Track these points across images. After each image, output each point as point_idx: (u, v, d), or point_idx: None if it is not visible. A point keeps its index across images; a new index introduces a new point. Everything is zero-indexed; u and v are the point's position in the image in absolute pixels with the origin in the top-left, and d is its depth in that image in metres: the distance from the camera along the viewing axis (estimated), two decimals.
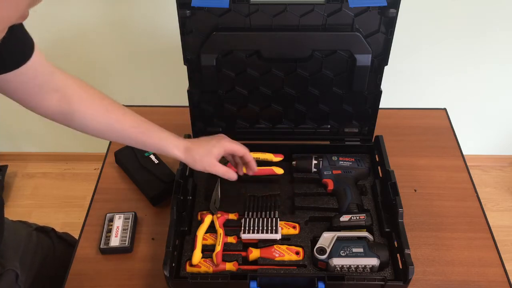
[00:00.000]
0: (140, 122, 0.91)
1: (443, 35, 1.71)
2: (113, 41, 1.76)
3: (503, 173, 2.26)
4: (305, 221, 1.00)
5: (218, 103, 1.08)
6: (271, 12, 0.92)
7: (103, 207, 1.09)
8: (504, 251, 1.03)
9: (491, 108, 1.99)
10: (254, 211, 1.00)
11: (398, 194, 0.95)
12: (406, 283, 0.85)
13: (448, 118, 1.32)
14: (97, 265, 0.99)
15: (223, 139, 0.94)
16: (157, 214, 1.08)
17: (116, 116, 0.88)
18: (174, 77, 1.53)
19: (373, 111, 1.08)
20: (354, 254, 0.89)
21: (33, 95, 0.81)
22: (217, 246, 0.92)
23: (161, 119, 1.31)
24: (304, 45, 0.96)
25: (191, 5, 0.87)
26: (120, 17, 1.68)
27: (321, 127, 1.13)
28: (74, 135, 1.21)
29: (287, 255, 0.92)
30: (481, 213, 1.09)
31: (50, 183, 2.18)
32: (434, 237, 1.03)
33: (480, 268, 0.98)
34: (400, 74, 1.80)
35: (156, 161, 1.15)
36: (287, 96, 1.06)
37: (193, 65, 1.00)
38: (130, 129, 0.89)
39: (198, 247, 0.93)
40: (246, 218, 0.98)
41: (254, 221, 0.97)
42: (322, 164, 1.06)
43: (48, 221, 2.02)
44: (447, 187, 1.14)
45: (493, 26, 1.68)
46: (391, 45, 0.95)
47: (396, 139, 1.22)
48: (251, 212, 1.00)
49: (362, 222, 0.97)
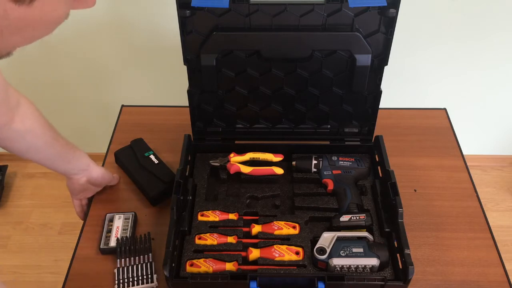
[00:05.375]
0: (68, 142, 1.01)
1: (443, 35, 1.71)
2: (113, 41, 1.76)
3: (503, 173, 2.26)
4: (305, 221, 0.99)
5: (218, 103, 1.08)
6: (271, 12, 0.92)
7: (103, 207, 1.09)
8: (504, 251, 1.03)
9: (491, 108, 1.99)
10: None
11: (398, 194, 0.95)
12: (406, 283, 0.85)
13: (448, 118, 1.32)
14: (97, 265, 0.99)
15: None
16: (157, 214, 1.08)
17: (53, 134, 0.96)
18: (174, 77, 1.53)
19: (373, 111, 1.08)
20: (354, 254, 0.89)
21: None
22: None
23: (161, 119, 1.33)
24: (304, 45, 0.96)
25: (191, 5, 0.87)
26: (120, 17, 1.67)
27: (321, 127, 1.13)
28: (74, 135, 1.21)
29: (287, 255, 0.92)
30: (481, 213, 1.09)
31: (50, 183, 2.18)
32: (434, 237, 1.03)
33: (480, 268, 0.98)
34: (400, 74, 1.80)
35: (156, 161, 1.15)
36: (287, 96, 1.06)
37: (193, 65, 1.00)
38: (64, 147, 0.99)
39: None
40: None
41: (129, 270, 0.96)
42: (322, 164, 1.06)
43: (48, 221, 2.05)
44: (447, 187, 1.14)
45: (493, 26, 1.68)
46: (391, 45, 0.95)
47: (396, 139, 1.22)
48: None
49: (362, 222, 0.97)
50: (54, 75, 1.89)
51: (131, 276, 0.94)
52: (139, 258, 0.97)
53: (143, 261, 0.97)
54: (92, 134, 2.05)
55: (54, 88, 1.94)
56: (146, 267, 0.96)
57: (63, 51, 1.79)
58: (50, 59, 1.83)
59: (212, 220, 0.99)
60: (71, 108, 2.03)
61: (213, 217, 1.00)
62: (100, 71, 1.88)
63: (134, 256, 0.97)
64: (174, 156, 1.11)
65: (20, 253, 1.93)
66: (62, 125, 1.07)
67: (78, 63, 1.84)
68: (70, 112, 2.04)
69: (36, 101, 0.93)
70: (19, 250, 1.95)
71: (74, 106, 2.03)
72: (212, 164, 1.10)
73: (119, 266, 0.96)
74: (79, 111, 2.04)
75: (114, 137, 1.27)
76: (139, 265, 0.96)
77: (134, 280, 0.94)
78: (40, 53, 1.79)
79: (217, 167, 1.10)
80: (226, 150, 1.12)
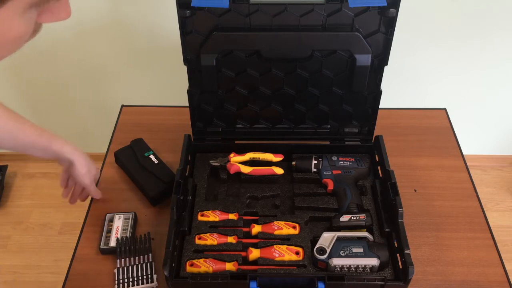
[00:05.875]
0: (37, 126, 0.95)
1: (443, 35, 1.71)
2: (113, 41, 1.76)
3: (503, 173, 2.26)
4: (305, 221, 0.99)
5: (218, 103, 1.08)
6: (271, 12, 0.92)
7: (103, 207, 1.09)
8: (504, 251, 1.03)
9: (491, 108, 1.99)
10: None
11: (398, 194, 0.95)
12: (406, 283, 0.85)
13: (448, 118, 1.32)
14: (97, 265, 0.99)
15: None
16: (157, 214, 1.08)
17: (19, 123, 0.92)
18: (174, 77, 1.53)
19: (373, 111, 1.08)
20: (354, 254, 0.89)
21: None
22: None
23: (161, 119, 1.33)
24: (304, 45, 0.96)
25: (191, 5, 0.87)
26: (120, 17, 1.67)
27: (321, 127, 1.13)
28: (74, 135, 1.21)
29: (287, 255, 0.92)
30: (481, 213, 1.09)
31: (50, 183, 2.18)
32: (434, 237, 1.03)
33: (480, 268, 0.98)
34: (400, 74, 1.80)
35: (156, 161, 1.15)
36: (287, 96, 1.06)
37: (193, 65, 1.00)
38: (30, 129, 0.94)
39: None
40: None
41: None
42: (322, 164, 1.06)
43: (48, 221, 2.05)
44: (447, 187, 1.14)
45: (493, 26, 1.68)
46: (391, 45, 0.95)
47: (396, 139, 1.22)
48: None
49: (362, 222, 0.97)
50: (54, 75, 1.89)
51: (131, 276, 0.94)
52: (139, 258, 0.97)
53: (143, 261, 0.97)
54: (92, 134, 2.05)
55: (54, 88, 1.94)
56: (146, 267, 0.96)
57: (63, 51, 1.79)
58: (50, 59, 1.83)
59: (212, 220, 0.99)
60: (71, 108, 2.03)
61: (213, 217, 1.00)
62: (100, 71, 1.88)
63: (134, 256, 0.97)
64: (174, 156, 1.11)
65: (20, 253, 1.93)
66: (62, 125, 1.08)
67: (78, 63, 1.84)
68: (70, 112, 2.04)
69: (36, 101, 0.93)
70: (19, 250, 1.95)
71: (74, 106, 2.03)
72: (212, 164, 1.10)
73: (119, 266, 0.96)
74: (79, 111, 2.04)
75: (114, 137, 1.27)
76: (139, 265, 0.96)
77: (134, 280, 0.94)
78: (40, 53, 1.79)
79: (217, 167, 1.10)
80: (226, 150, 1.12)
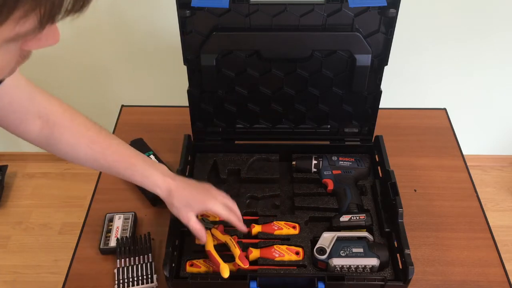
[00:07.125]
0: (125, 156, 0.88)
1: (443, 35, 1.71)
2: (113, 41, 1.76)
3: (503, 173, 2.26)
4: (305, 221, 0.99)
5: (218, 103, 1.08)
6: (271, 12, 0.92)
7: (103, 207, 1.09)
8: (504, 251, 1.03)
9: (491, 108, 1.99)
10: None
11: (398, 194, 0.95)
12: (406, 283, 0.85)
13: (448, 118, 1.32)
14: (97, 265, 0.99)
15: (208, 196, 0.89)
16: (157, 214, 1.08)
17: (100, 149, 0.86)
18: (174, 77, 1.53)
19: (373, 111, 1.08)
20: (354, 254, 0.89)
21: (11, 121, 0.78)
22: (235, 250, 0.89)
23: (161, 119, 1.33)
24: (304, 45, 0.96)
25: (191, 5, 0.87)
26: (120, 17, 1.67)
27: (321, 127, 1.13)
28: None
29: (287, 255, 0.92)
30: (481, 213, 1.09)
31: (50, 183, 2.18)
32: (434, 237, 1.03)
33: (480, 268, 0.98)
34: (400, 74, 1.80)
35: (156, 161, 1.15)
36: (287, 96, 1.06)
37: (193, 65, 1.00)
38: (114, 163, 0.87)
39: (220, 261, 0.87)
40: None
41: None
42: (322, 164, 1.06)
43: (48, 221, 2.05)
44: (447, 187, 1.14)
45: (493, 26, 1.68)
46: (391, 45, 0.95)
47: (396, 139, 1.22)
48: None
49: (362, 222, 0.97)
50: (54, 75, 1.89)
51: (131, 276, 0.94)
52: (139, 258, 0.97)
53: (143, 261, 0.97)
54: None
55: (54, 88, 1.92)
56: (146, 267, 0.96)
57: (63, 51, 1.79)
58: (49, 59, 1.82)
59: (212, 220, 0.99)
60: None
61: (213, 217, 1.00)
62: (100, 71, 1.88)
63: (134, 256, 0.97)
64: (174, 156, 1.11)
65: (20, 253, 1.93)
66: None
67: (78, 63, 1.84)
68: None
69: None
70: (19, 250, 1.95)
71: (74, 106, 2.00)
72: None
73: (119, 266, 0.96)
74: (79, 111, 2.04)
75: None
76: (139, 265, 0.96)
77: (134, 280, 0.94)
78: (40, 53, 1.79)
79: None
80: (226, 150, 1.12)
